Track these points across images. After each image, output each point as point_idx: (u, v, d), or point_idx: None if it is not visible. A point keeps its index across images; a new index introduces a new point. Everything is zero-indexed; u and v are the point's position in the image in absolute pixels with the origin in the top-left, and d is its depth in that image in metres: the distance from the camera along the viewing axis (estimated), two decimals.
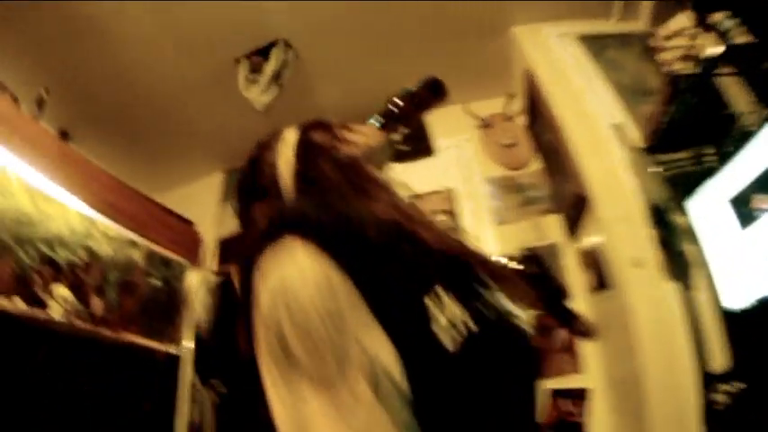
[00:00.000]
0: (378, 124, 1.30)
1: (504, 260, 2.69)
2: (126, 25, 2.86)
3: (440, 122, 3.39)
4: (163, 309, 3.32)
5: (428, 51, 3.11)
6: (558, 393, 2.67)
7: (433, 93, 1.38)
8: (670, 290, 2.26)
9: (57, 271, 2.73)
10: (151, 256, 3.21)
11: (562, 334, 2.71)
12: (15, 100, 2.78)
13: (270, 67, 2.95)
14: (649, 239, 2.31)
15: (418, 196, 3.13)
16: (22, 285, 2.57)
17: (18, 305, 2.48)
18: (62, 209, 2.74)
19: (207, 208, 3.89)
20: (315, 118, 1.29)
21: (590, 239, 2.66)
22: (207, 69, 3.14)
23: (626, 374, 2.44)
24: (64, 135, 3.42)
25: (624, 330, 2.34)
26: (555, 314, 2.60)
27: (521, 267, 2.68)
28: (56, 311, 2.64)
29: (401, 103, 1.33)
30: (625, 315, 2.34)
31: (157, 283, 3.30)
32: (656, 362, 2.22)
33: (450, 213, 3.19)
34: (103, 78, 3.16)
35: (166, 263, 3.32)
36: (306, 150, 1.14)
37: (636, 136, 2.54)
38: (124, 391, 2.84)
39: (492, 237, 3.05)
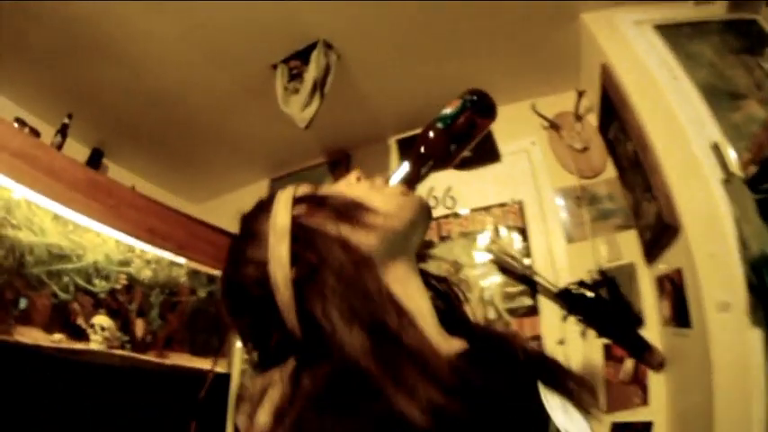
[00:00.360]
0: (403, 173, 1.02)
1: (578, 290, 2.50)
2: (152, 44, 2.69)
3: (503, 123, 2.94)
4: (209, 323, 3.26)
5: (486, 44, 2.75)
6: (619, 428, 2.41)
7: (478, 113, 1.09)
8: (755, 338, 1.95)
9: (96, 300, 2.69)
10: (194, 274, 3.15)
11: (630, 365, 2.43)
12: (36, 134, 2.70)
13: (310, 74, 2.64)
14: (741, 282, 1.99)
15: (483, 209, 2.88)
16: (61, 319, 2.56)
17: (57, 339, 2.47)
18: (97, 238, 2.70)
19: None
20: (307, 185, 1.05)
21: (672, 270, 2.33)
22: (243, 77, 2.90)
23: (694, 414, 2.19)
24: (98, 153, 3.38)
25: (699, 372, 2.08)
26: (626, 344, 2.43)
27: (592, 295, 2.47)
28: (95, 342, 2.61)
29: (434, 137, 1.04)
30: (702, 358, 2.06)
31: (202, 298, 3.23)
32: (730, 410, 1.98)
33: (520, 230, 2.83)
34: (134, 96, 3.02)
35: (211, 279, 3.24)
36: (303, 245, 0.88)
37: (733, 157, 2.13)
38: (169, 413, 2.78)
39: (562, 257, 2.72)
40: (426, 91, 2.89)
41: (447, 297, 1.12)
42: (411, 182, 1.03)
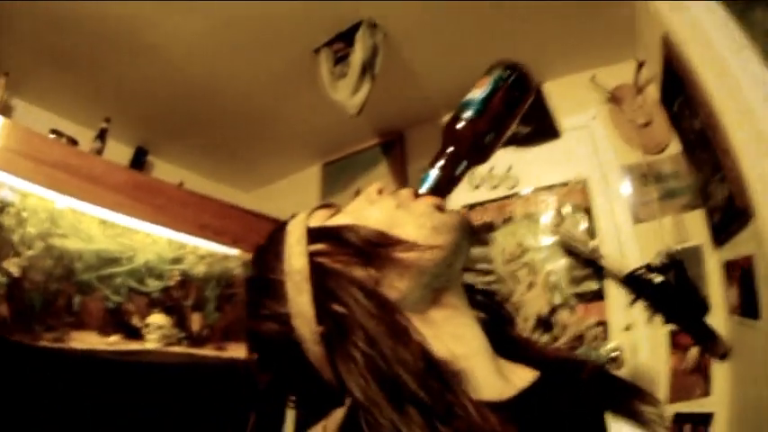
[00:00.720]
0: (433, 181, 0.87)
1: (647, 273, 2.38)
2: (188, 37, 2.63)
3: (561, 96, 2.86)
4: None
5: (539, 13, 2.53)
6: (680, 418, 2.31)
7: (514, 91, 0.92)
8: None
9: (150, 300, 2.69)
10: (249, 267, 3.02)
11: (695, 353, 2.32)
12: (74, 143, 2.71)
13: (357, 56, 2.49)
14: None
15: (546, 189, 2.75)
16: (115, 320, 2.56)
17: (113, 341, 2.48)
18: (148, 239, 2.69)
19: (306, 203, 3.53)
20: (324, 210, 0.94)
21: (742, 256, 2.17)
22: (285, 64, 2.79)
23: (756, 407, 2.06)
24: (142, 152, 3.38)
25: (764, 365, 1.94)
26: (692, 332, 2.30)
27: (660, 280, 2.34)
28: (151, 341, 2.61)
29: (464, 130, 0.88)
30: None
31: None
32: None
33: (585, 210, 2.66)
34: (174, 91, 2.98)
35: None
36: (327, 294, 0.76)
37: None
38: (228, 405, 2.74)
39: (629, 238, 2.55)
40: (479, 65, 2.69)
41: (496, 315, 0.99)
42: (444, 190, 0.87)
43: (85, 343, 2.41)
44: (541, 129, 2.84)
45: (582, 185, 2.70)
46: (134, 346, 2.56)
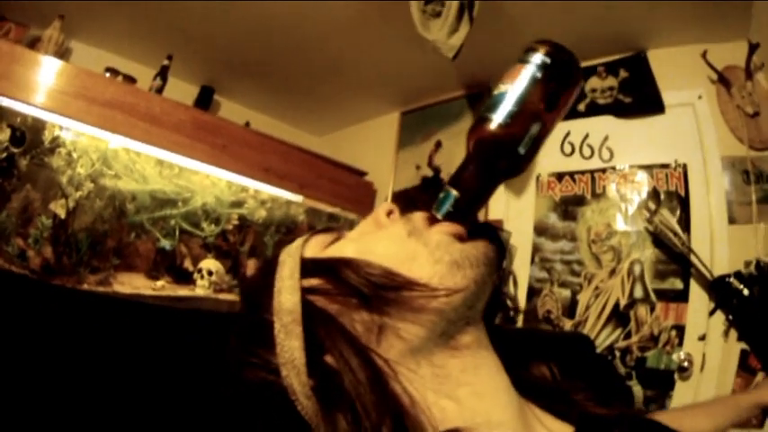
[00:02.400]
0: (453, 201, 0.69)
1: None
2: None
3: (669, 68, 2.51)
4: None
5: None
6: None
7: (557, 83, 0.71)
8: None
9: (204, 244, 2.67)
10: (314, 212, 3.03)
11: (761, 379, 2.06)
12: (132, 81, 2.62)
13: None
14: None
15: (644, 168, 2.48)
16: (166, 263, 2.56)
17: (159, 286, 2.44)
18: (207, 180, 2.65)
19: (382, 152, 3.44)
20: (325, 234, 0.77)
21: None
22: (370, 1, 2.52)
23: None
24: (208, 91, 3.29)
25: None
26: (763, 356, 2.06)
27: (747, 293, 2.11)
28: (201, 287, 2.56)
29: (493, 137, 0.68)
30: None
31: None
32: None
33: (681, 200, 2.35)
34: (243, 26, 2.78)
35: (332, 216, 3.12)
36: (320, 341, 0.62)
37: None
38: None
39: (722, 238, 2.25)
40: (583, 27, 2.47)
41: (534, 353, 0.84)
42: (466, 213, 0.70)
43: (131, 287, 2.38)
44: (644, 101, 2.53)
45: (681, 171, 2.40)
46: (183, 291, 2.53)
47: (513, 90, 0.69)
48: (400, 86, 3.26)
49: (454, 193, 0.69)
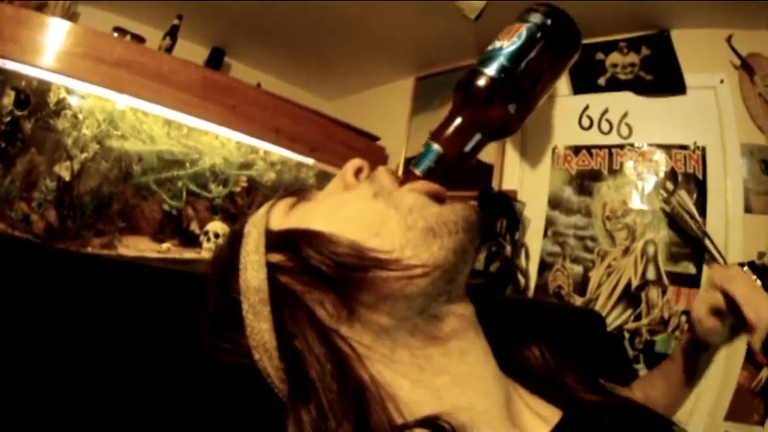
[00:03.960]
0: (433, 157, 0.66)
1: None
2: None
3: (691, 49, 2.44)
4: None
5: None
6: None
7: (554, 48, 0.69)
8: None
9: (212, 206, 2.65)
10: (324, 175, 2.99)
11: (765, 374, 2.05)
12: (141, 40, 2.58)
13: None
14: None
15: (663, 147, 2.43)
16: (173, 226, 2.54)
17: (165, 248, 2.44)
18: (216, 141, 2.61)
19: (395, 118, 3.37)
20: (289, 199, 0.72)
21: None
22: None
23: None
24: (218, 52, 3.27)
25: None
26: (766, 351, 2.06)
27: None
28: (207, 250, 2.53)
29: (484, 92, 0.66)
30: None
31: None
32: None
33: (698, 183, 2.30)
34: None
35: None
36: (287, 323, 0.57)
37: None
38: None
39: (737, 226, 2.21)
40: (606, 1, 2.37)
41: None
42: (447, 172, 0.66)
43: (136, 249, 2.36)
44: (665, 79, 2.46)
45: (700, 153, 2.36)
46: (188, 254, 2.50)
47: (508, 46, 0.67)
48: (416, 52, 3.18)
49: (436, 146, 0.66)
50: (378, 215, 0.61)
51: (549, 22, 0.68)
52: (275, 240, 0.63)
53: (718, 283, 0.92)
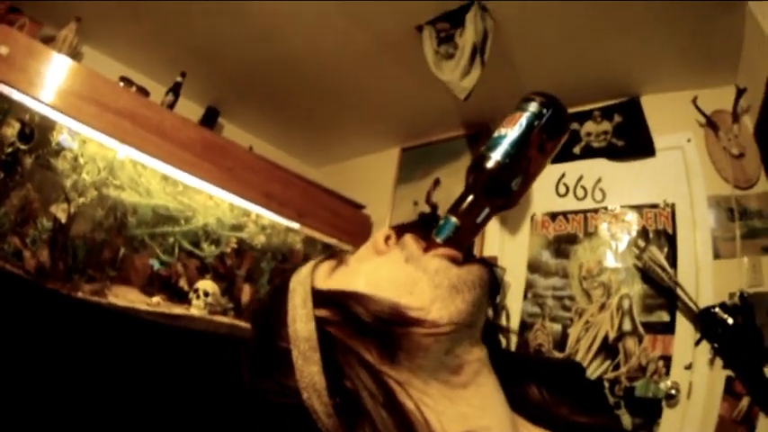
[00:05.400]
0: (450, 229, 0.75)
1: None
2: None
3: (659, 113, 2.67)
4: None
5: (648, 26, 2.38)
6: None
7: (550, 132, 0.79)
8: None
9: (202, 265, 2.66)
10: (310, 241, 3.06)
11: (746, 403, 2.14)
12: (145, 93, 2.66)
13: (468, 38, 2.37)
14: None
15: (634, 208, 2.60)
16: (162, 280, 2.55)
17: (155, 302, 2.43)
18: (210, 201, 2.66)
19: (381, 186, 3.51)
20: (329, 261, 0.81)
21: None
22: (380, 37, 2.65)
23: None
24: (213, 112, 3.33)
25: None
26: (747, 381, 2.15)
27: (732, 322, 2.21)
28: (197, 307, 2.56)
29: (493, 173, 0.75)
30: None
31: None
32: None
33: (668, 237, 2.48)
34: (255, 52, 2.90)
35: (327, 246, 3.13)
36: (332, 368, 0.65)
37: None
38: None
39: (707, 273, 2.38)
40: (582, 70, 2.64)
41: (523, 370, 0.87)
42: (463, 240, 0.75)
43: (126, 300, 2.37)
44: (636, 144, 2.68)
45: (669, 210, 2.54)
46: (177, 310, 2.52)
47: (511, 134, 0.76)
48: (402, 123, 3.35)
49: (454, 220, 0.75)
50: (410, 276, 0.72)
51: (544, 111, 0.78)
52: (323, 299, 0.71)
53: None
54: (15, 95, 2.05)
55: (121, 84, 2.57)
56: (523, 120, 0.77)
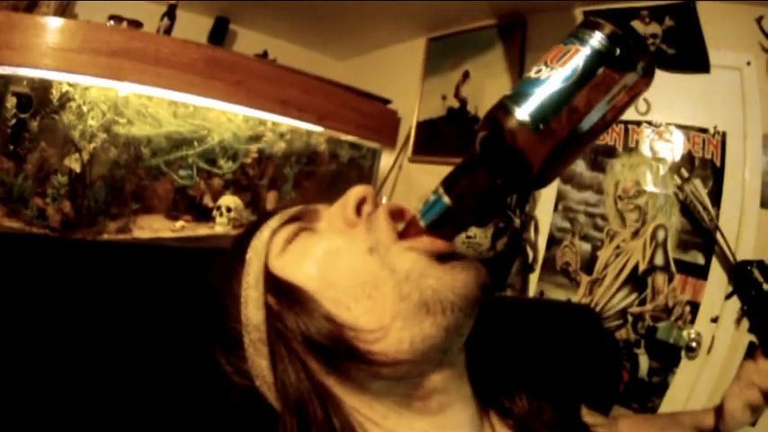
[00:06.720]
0: (440, 210, 0.56)
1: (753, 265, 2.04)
2: None
3: (718, 24, 2.23)
4: (348, 185, 3.07)
5: None
6: None
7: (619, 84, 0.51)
8: None
9: (223, 181, 2.69)
10: (336, 141, 3.03)
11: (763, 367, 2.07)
12: (138, 25, 2.53)
13: None
14: None
15: (681, 128, 2.30)
16: (185, 202, 2.61)
17: (179, 226, 2.51)
18: (223, 117, 2.63)
19: (407, 79, 3.24)
20: (290, 226, 0.68)
21: None
22: None
23: None
24: (222, 22, 3.18)
25: None
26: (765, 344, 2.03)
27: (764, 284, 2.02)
28: (221, 224, 2.61)
29: (524, 138, 0.49)
30: None
31: (343, 162, 3.14)
32: None
33: (715, 169, 2.17)
34: None
35: (354, 146, 3.11)
36: (278, 364, 0.60)
37: None
38: None
39: (751, 221, 2.10)
40: None
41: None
42: (457, 228, 0.58)
43: (151, 230, 2.42)
44: (689, 55, 2.30)
45: (719, 139, 2.22)
46: (202, 230, 2.56)
47: (554, 79, 0.49)
48: (429, 10, 3.00)
49: (446, 200, 0.55)
50: (372, 274, 0.58)
51: (612, 48, 0.49)
52: (271, 284, 0.62)
53: (757, 381, 0.96)
54: (7, 71, 2.01)
55: (111, 22, 2.43)
56: (578, 59, 0.49)
